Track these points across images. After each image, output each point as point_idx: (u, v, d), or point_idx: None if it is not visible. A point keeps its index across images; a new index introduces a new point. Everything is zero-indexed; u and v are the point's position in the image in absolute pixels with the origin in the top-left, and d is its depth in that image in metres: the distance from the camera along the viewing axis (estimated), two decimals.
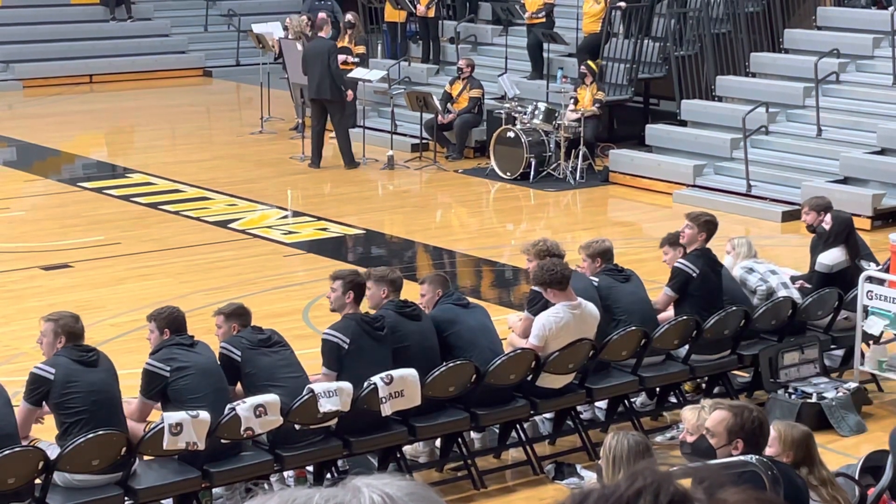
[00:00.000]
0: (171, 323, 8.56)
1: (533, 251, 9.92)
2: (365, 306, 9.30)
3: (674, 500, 1.27)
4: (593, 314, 9.57)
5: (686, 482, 1.31)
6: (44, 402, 8.10)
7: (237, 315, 8.92)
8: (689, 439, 6.47)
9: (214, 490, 8.66)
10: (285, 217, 16.70)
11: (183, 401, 8.25)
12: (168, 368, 8.33)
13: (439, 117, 19.56)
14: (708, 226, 10.47)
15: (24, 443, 7.91)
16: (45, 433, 8.33)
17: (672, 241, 10.61)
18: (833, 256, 11.10)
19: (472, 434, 9.70)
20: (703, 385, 10.74)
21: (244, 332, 8.80)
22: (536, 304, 9.64)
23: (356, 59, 20.82)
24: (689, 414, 6.63)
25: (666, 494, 1.27)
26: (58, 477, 7.90)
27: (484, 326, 9.63)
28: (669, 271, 10.54)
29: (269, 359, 8.71)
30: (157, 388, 8.35)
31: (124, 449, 7.98)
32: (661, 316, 10.40)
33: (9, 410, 7.89)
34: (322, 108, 19.04)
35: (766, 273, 10.88)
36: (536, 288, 9.59)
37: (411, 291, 9.89)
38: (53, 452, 7.88)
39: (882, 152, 17.05)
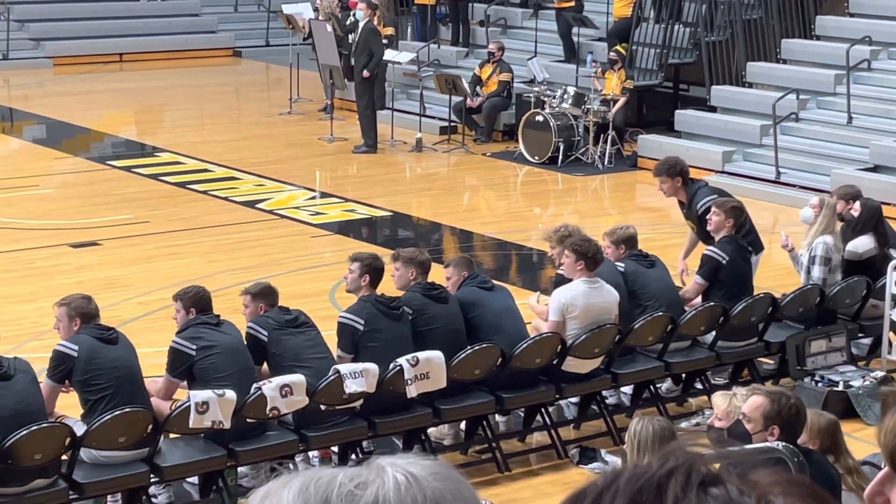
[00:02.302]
0: (196, 302, 8.59)
1: (555, 237, 9.93)
2: (384, 290, 9.30)
3: (705, 481, 1.27)
4: (611, 292, 9.57)
5: (716, 465, 1.31)
6: (66, 381, 8.14)
7: (264, 295, 8.94)
8: (718, 424, 6.47)
9: (239, 469, 8.70)
10: (313, 198, 16.71)
11: (209, 380, 8.28)
12: (194, 347, 8.36)
13: (468, 101, 19.53)
14: (734, 212, 10.42)
15: (51, 419, 7.96)
16: (70, 410, 8.37)
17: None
18: (862, 244, 11.04)
19: (497, 417, 9.71)
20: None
21: (271, 312, 8.82)
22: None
23: (385, 41, 20.80)
24: (719, 400, 6.63)
25: (697, 475, 1.27)
26: (84, 453, 7.95)
27: (508, 309, 9.63)
28: (699, 259, 10.51)
29: (295, 339, 8.73)
30: (183, 367, 8.38)
31: (150, 426, 8.02)
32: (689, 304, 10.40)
33: (35, 388, 7.93)
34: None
35: (834, 267, 10.80)
36: (562, 271, 9.61)
37: (437, 275, 9.89)
38: (80, 430, 7.92)
39: None
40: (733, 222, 10.40)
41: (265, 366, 8.78)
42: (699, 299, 10.44)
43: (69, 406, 8.42)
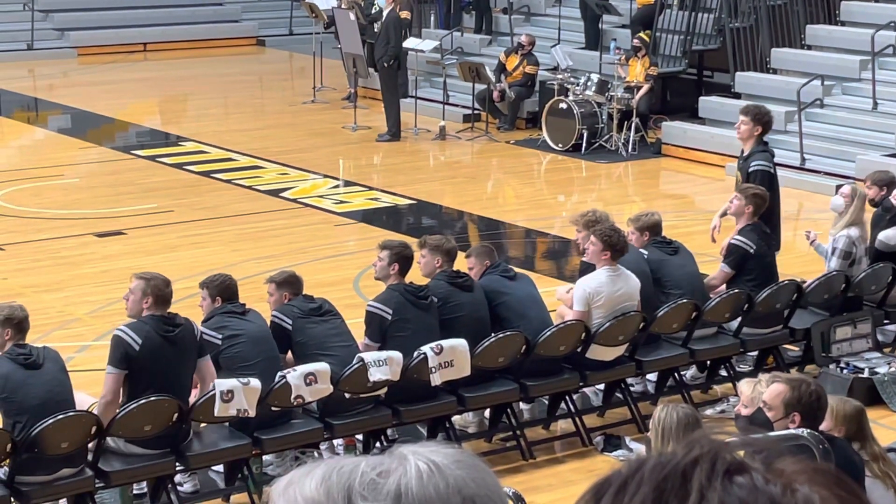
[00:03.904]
0: (223, 291, 8.60)
1: (582, 221, 9.91)
2: (410, 278, 9.31)
3: (731, 470, 1.26)
4: (632, 278, 9.56)
5: (741, 453, 1.30)
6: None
7: (289, 283, 8.95)
8: (744, 412, 6.45)
9: (264, 457, 8.72)
10: (336, 186, 16.73)
11: (234, 368, 8.30)
12: (220, 336, 8.38)
13: (494, 93, 19.50)
14: (756, 199, 10.34)
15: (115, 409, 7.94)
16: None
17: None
18: (894, 235, 10.94)
19: (521, 405, 9.71)
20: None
21: (295, 300, 8.83)
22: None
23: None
24: (745, 387, 6.61)
25: (723, 463, 1.26)
26: (110, 441, 7.97)
27: (532, 297, 9.63)
28: (725, 247, 10.46)
29: (319, 328, 8.75)
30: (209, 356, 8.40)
31: (176, 415, 8.04)
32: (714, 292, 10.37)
33: (64, 377, 7.94)
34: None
35: (857, 259, 10.73)
36: (587, 259, 9.60)
37: (461, 264, 9.89)
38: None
39: None
40: (753, 210, 10.33)
41: (290, 354, 8.79)
42: (724, 287, 10.41)
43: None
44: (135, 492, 8.40)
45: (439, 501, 1.41)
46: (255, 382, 8.21)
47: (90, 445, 7.87)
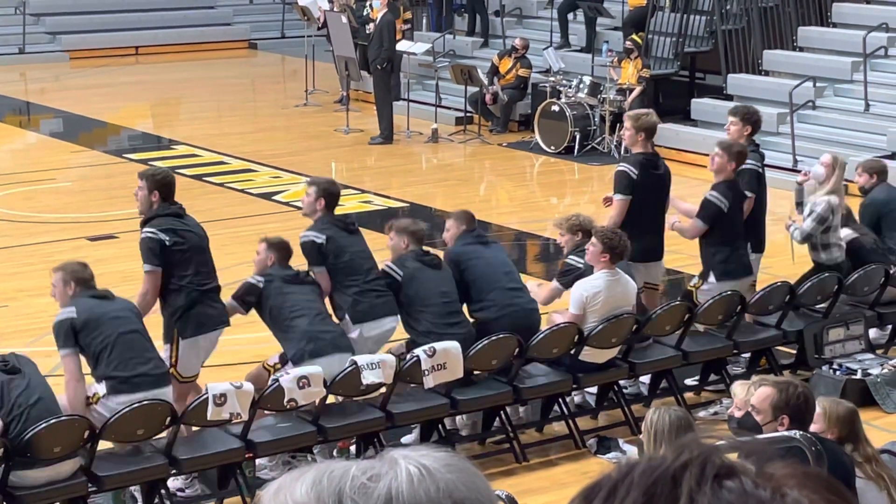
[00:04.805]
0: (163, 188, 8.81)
1: (566, 225, 9.97)
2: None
3: (720, 474, 1.26)
4: (630, 283, 9.59)
5: (732, 456, 1.30)
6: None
7: (279, 248, 9.06)
8: (738, 414, 6.46)
9: (258, 461, 8.71)
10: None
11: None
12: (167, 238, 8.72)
13: (487, 96, 19.51)
14: (739, 157, 10.35)
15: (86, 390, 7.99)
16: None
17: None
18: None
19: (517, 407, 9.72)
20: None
21: (275, 267, 8.99)
22: (568, 276, 9.69)
23: (406, 26, 20.83)
24: (738, 389, 6.62)
25: (713, 467, 1.26)
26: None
27: (504, 263, 9.79)
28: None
29: (296, 296, 8.89)
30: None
31: (169, 418, 8.03)
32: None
33: (45, 380, 7.94)
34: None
35: (833, 227, 10.70)
36: (570, 260, 9.64)
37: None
38: (99, 389, 8.00)
39: None
40: (735, 166, 10.32)
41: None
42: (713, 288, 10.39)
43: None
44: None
45: None
46: (248, 386, 8.22)
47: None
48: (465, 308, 9.56)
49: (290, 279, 9.00)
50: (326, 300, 9.27)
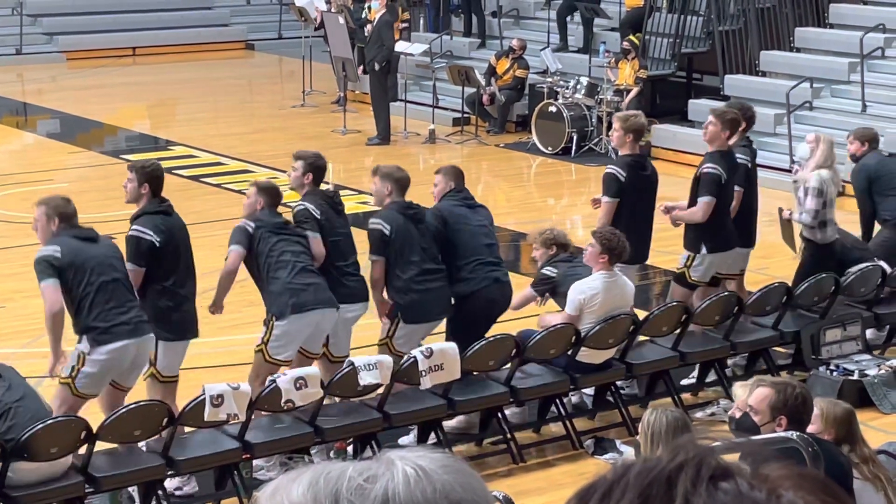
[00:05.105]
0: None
1: (539, 239, 10.03)
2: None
3: (716, 475, 1.26)
4: (628, 284, 9.61)
5: (729, 457, 1.31)
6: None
7: (269, 193, 9.14)
8: (738, 415, 6.46)
9: (255, 462, 8.70)
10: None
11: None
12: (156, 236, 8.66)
13: (484, 97, 19.51)
14: (733, 124, 10.34)
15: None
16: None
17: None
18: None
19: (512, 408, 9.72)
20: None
21: (264, 212, 9.02)
22: (542, 286, 9.75)
23: (404, 25, 20.84)
24: (739, 390, 6.61)
25: (708, 468, 1.26)
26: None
27: (487, 234, 9.83)
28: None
29: (283, 244, 8.96)
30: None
31: (166, 419, 8.03)
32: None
33: (31, 388, 7.93)
34: None
35: (829, 202, 10.67)
36: (545, 270, 9.67)
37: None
38: (85, 347, 7.98)
39: None
40: (729, 133, 10.30)
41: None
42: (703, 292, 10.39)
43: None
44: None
45: None
46: (245, 386, 8.23)
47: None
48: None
49: (278, 228, 9.01)
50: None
